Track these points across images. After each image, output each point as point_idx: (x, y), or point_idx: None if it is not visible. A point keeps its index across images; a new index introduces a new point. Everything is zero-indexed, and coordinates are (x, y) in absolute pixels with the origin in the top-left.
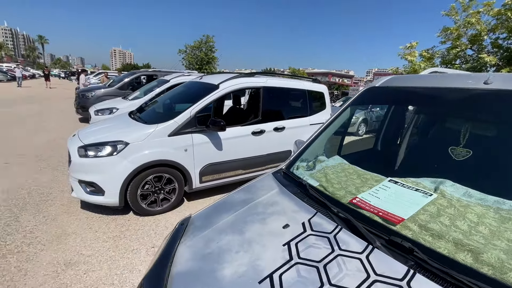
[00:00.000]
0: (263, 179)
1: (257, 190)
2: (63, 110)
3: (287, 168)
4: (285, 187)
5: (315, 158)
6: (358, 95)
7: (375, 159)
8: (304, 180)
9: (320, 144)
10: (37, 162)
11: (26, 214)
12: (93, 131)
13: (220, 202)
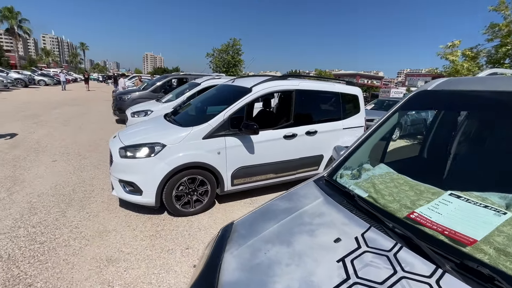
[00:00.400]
0: (305, 186)
1: (300, 198)
2: (101, 111)
3: (330, 175)
4: (330, 197)
5: (360, 166)
6: (407, 99)
7: (425, 168)
8: (351, 189)
9: (364, 151)
10: (80, 161)
11: (71, 210)
12: (132, 132)
13: (262, 209)
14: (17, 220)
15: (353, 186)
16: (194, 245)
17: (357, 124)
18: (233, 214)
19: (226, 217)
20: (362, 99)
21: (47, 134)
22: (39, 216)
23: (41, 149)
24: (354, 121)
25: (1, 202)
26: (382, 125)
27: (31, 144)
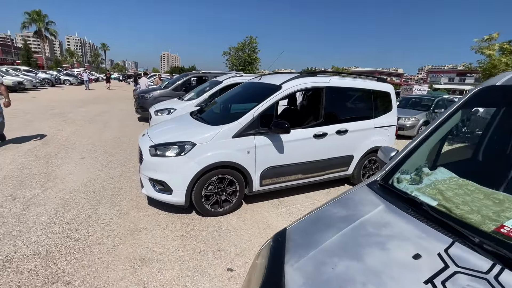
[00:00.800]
0: (358, 191)
1: (357, 204)
2: (123, 109)
3: (385, 180)
4: (392, 204)
5: (418, 170)
6: (471, 96)
7: (488, 173)
8: (414, 196)
9: (421, 153)
10: (107, 158)
11: (102, 207)
12: (162, 131)
13: (315, 215)
14: (52, 216)
15: (417, 193)
16: (225, 247)
17: (389, 123)
18: (261, 215)
19: (255, 218)
20: (394, 96)
21: (74, 132)
22: (72, 212)
23: (70, 146)
24: (386, 120)
25: (37, 198)
26: (442, 125)
27: (61, 141)
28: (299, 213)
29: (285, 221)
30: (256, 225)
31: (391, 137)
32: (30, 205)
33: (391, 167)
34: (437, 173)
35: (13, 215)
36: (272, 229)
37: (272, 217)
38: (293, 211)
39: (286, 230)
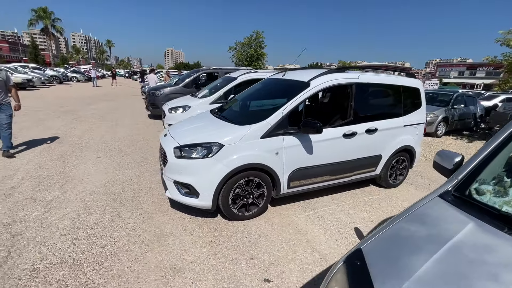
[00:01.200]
0: (432, 204)
1: (437, 221)
2: (132, 106)
3: (460, 190)
4: (483, 222)
5: (499, 179)
6: None
7: None
8: (508, 212)
9: (500, 159)
10: (123, 157)
11: (125, 211)
12: (185, 131)
13: (390, 233)
14: (75, 220)
15: (508, 208)
16: (257, 254)
17: (418, 121)
18: (290, 219)
19: (283, 223)
20: (423, 92)
21: (87, 130)
22: (94, 216)
23: (84, 145)
24: (415, 118)
25: (57, 200)
26: None
27: (75, 140)
28: (328, 216)
29: (315, 225)
30: (286, 230)
31: (420, 136)
32: (51, 208)
33: (464, 176)
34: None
35: (35, 219)
36: (302, 235)
37: (301, 221)
38: (321, 214)
39: (362, 251)
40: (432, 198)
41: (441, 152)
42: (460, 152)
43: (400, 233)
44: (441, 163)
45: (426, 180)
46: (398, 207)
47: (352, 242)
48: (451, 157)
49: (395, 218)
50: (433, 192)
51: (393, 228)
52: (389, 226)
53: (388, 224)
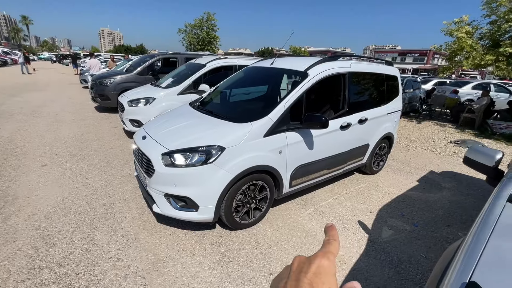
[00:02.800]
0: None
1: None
2: (72, 97)
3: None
4: None
5: None
6: None
7: None
8: None
9: None
10: (77, 163)
11: (100, 234)
12: (171, 131)
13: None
14: (33, 257)
15: None
16: (275, 268)
17: (397, 108)
18: (293, 220)
19: (288, 225)
20: (400, 80)
21: (18, 130)
22: (60, 247)
23: (19, 151)
24: (395, 105)
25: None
26: None
27: (4, 145)
28: (329, 212)
29: (320, 224)
30: (294, 233)
31: (397, 122)
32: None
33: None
34: None
35: None
36: (312, 236)
37: (305, 220)
38: (322, 210)
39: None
40: (504, 205)
41: (475, 148)
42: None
43: (505, 256)
44: (478, 160)
45: (399, 163)
46: (387, 194)
47: (361, 237)
48: (490, 154)
49: (478, 233)
50: (497, 195)
51: (492, 247)
52: (481, 244)
53: (475, 241)
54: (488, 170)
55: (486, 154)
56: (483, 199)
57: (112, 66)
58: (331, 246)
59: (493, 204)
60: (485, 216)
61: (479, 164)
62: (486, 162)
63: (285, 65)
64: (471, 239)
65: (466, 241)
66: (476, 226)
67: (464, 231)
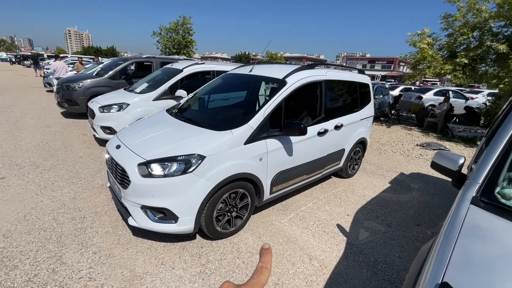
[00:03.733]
0: (473, 214)
1: (494, 235)
2: (35, 102)
3: (486, 196)
4: None
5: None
6: None
7: None
8: None
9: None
10: (42, 174)
11: (69, 252)
12: (147, 140)
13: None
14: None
15: None
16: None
17: (370, 114)
18: (274, 226)
19: (270, 232)
20: (371, 87)
21: None
22: (22, 269)
23: None
24: (367, 111)
25: None
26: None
27: None
28: (309, 216)
29: (301, 229)
30: (276, 239)
31: (370, 127)
32: None
33: (484, 179)
34: None
35: None
36: (293, 242)
37: (286, 226)
38: (302, 215)
39: (450, 285)
40: (468, 207)
41: (441, 154)
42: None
43: (472, 256)
44: (444, 165)
45: (372, 166)
46: (362, 196)
47: (339, 241)
48: (454, 158)
49: (447, 235)
50: (461, 198)
51: (460, 247)
52: (450, 246)
53: (445, 243)
54: (452, 174)
55: (450, 159)
56: (447, 198)
57: (80, 69)
58: (262, 276)
59: (459, 207)
60: (452, 218)
61: (444, 168)
62: (450, 167)
63: (264, 72)
64: (441, 240)
65: (437, 242)
66: (445, 228)
67: (432, 229)
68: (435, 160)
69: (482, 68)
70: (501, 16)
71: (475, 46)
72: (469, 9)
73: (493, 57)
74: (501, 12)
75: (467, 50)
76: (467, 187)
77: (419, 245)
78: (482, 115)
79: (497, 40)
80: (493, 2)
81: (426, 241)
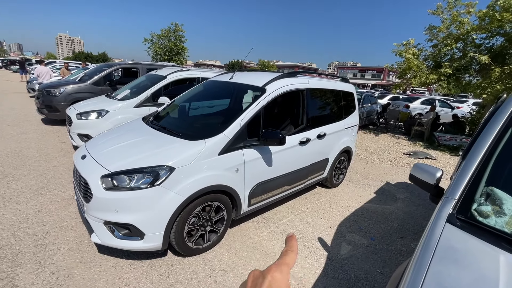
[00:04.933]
0: (447, 234)
1: (467, 259)
2: (15, 108)
3: (463, 213)
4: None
5: (488, 196)
6: None
7: None
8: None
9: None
10: (8, 185)
11: (24, 272)
12: (115, 149)
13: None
14: None
15: None
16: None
17: (354, 123)
18: (253, 241)
19: (247, 247)
20: (356, 96)
21: None
22: None
23: None
24: (352, 120)
25: None
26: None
27: None
28: (290, 230)
29: (280, 244)
30: (253, 255)
31: (355, 136)
32: None
33: (461, 195)
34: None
35: None
36: (271, 258)
37: (265, 240)
38: (283, 228)
39: None
40: (444, 226)
41: (419, 166)
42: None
43: (445, 283)
44: (421, 178)
45: (358, 175)
46: (346, 207)
47: (320, 256)
48: (431, 172)
49: (420, 259)
50: (437, 215)
51: (432, 274)
52: (425, 272)
53: (417, 269)
54: (429, 188)
55: (427, 172)
56: (432, 209)
57: (65, 74)
58: (287, 257)
59: (434, 225)
60: (427, 238)
61: (422, 182)
62: (427, 180)
63: (244, 80)
64: (414, 265)
65: (409, 267)
66: (419, 250)
67: (415, 242)
68: (413, 173)
69: (466, 78)
70: (483, 29)
71: (459, 57)
72: (452, 21)
73: (476, 67)
74: (482, 25)
75: (451, 60)
76: (444, 203)
77: (402, 259)
78: (467, 124)
79: (479, 51)
80: (474, 15)
81: (409, 255)
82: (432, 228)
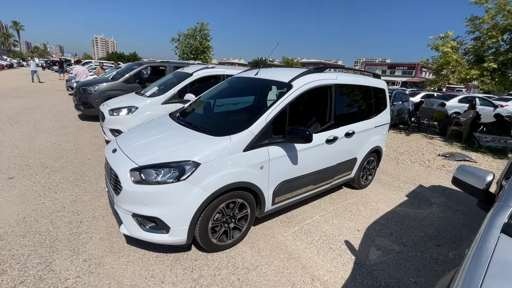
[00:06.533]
0: (503, 247)
1: None
2: (56, 104)
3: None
4: None
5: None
6: None
7: None
8: None
9: None
10: (48, 176)
11: (60, 258)
12: (143, 144)
13: None
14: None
15: None
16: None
17: (385, 121)
18: (276, 240)
19: (270, 246)
20: (387, 93)
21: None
22: (10, 275)
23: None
24: (383, 118)
25: None
26: None
27: None
28: (315, 230)
29: (305, 244)
30: (276, 255)
31: (386, 135)
32: None
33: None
34: None
35: None
36: (296, 259)
37: (289, 241)
38: (308, 229)
39: None
40: (498, 236)
41: (465, 168)
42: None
43: None
44: (468, 182)
45: (388, 176)
46: (375, 210)
47: (347, 260)
48: (480, 175)
49: (471, 274)
50: (489, 224)
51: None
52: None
53: (468, 283)
54: (478, 193)
55: (475, 175)
56: (473, 216)
57: (100, 73)
58: None
59: (486, 235)
60: (478, 250)
61: (468, 186)
62: (475, 184)
63: (270, 76)
64: (463, 280)
65: (457, 282)
66: (469, 262)
67: (454, 252)
68: (457, 176)
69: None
70: None
71: (505, 50)
72: (498, 10)
73: None
74: None
75: (496, 54)
76: (497, 211)
77: (438, 269)
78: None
79: None
80: None
81: (446, 265)
82: (484, 240)
